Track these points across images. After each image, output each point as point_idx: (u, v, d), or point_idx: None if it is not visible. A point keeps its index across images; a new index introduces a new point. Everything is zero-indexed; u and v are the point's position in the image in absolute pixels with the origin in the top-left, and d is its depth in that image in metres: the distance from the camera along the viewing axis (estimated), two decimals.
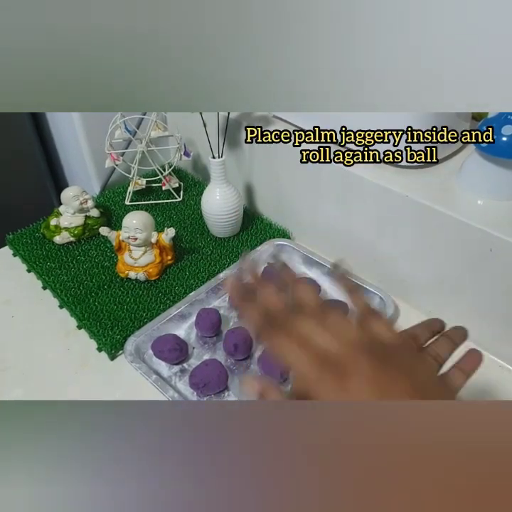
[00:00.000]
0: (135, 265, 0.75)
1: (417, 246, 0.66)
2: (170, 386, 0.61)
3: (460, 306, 0.65)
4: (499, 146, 0.56)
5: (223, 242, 0.84)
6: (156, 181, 0.94)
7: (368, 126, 0.67)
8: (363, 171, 0.68)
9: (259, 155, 0.83)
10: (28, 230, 0.87)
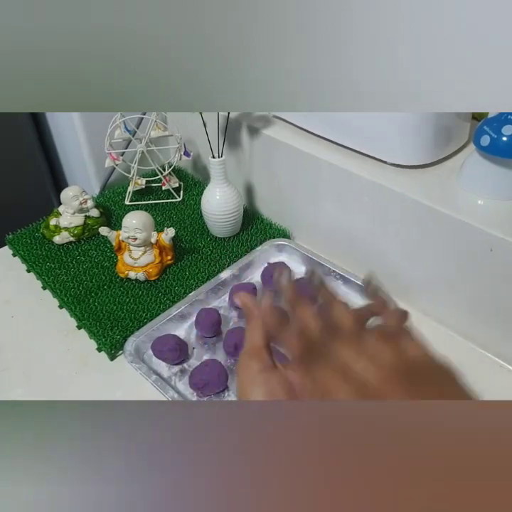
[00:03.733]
0: (135, 265, 0.75)
1: (417, 246, 0.66)
2: (170, 386, 0.61)
3: (460, 306, 0.65)
4: (499, 146, 0.56)
5: (223, 242, 0.84)
6: (156, 181, 0.94)
7: (368, 126, 0.67)
8: (363, 171, 0.68)
9: (259, 155, 0.83)
10: (28, 230, 0.87)
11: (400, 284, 0.71)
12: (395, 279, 0.71)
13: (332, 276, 0.76)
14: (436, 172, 0.67)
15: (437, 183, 0.64)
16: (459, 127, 0.67)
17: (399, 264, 0.70)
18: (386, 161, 0.68)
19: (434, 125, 0.64)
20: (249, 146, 0.84)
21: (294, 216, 0.84)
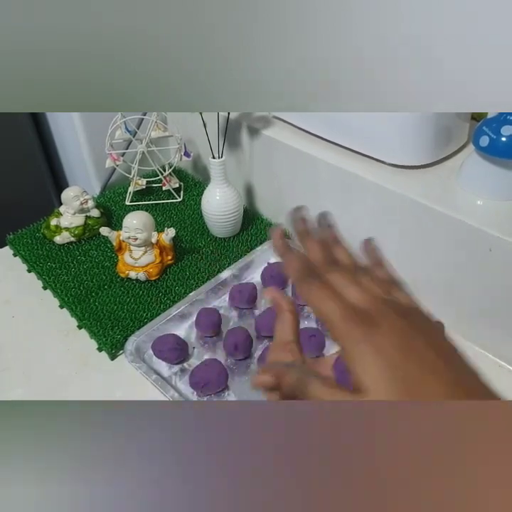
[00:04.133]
0: (135, 265, 0.75)
1: (417, 246, 0.66)
2: (170, 386, 0.61)
3: (460, 306, 0.65)
4: (498, 147, 0.56)
5: (223, 242, 0.84)
6: (157, 181, 0.94)
7: (368, 126, 0.67)
8: (363, 171, 0.68)
9: (259, 155, 0.84)
10: (29, 230, 0.87)
11: None
12: None
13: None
14: (436, 172, 0.67)
15: (437, 184, 0.64)
16: (459, 127, 0.67)
17: (398, 264, 0.70)
18: (385, 161, 0.68)
19: (434, 125, 0.64)
20: (249, 146, 0.84)
21: None
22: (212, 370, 0.61)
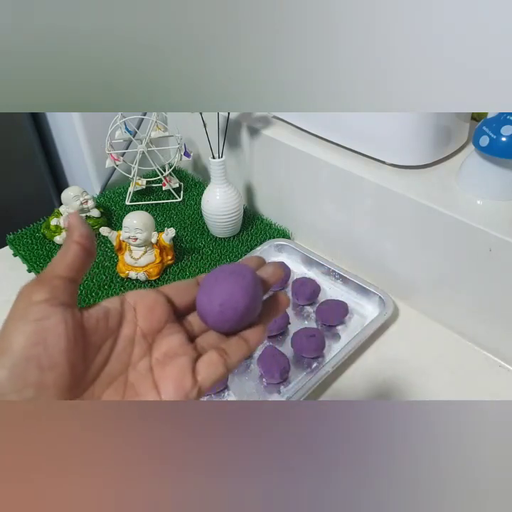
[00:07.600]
0: (135, 265, 0.75)
1: (417, 246, 0.66)
2: None
3: (459, 306, 0.65)
4: (499, 146, 0.57)
5: (223, 242, 0.84)
6: (157, 181, 0.94)
7: (368, 126, 0.67)
8: (363, 171, 0.68)
9: (259, 155, 0.84)
10: (29, 230, 0.87)
11: (400, 284, 0.71)
12: (395, 279, 0.71)
13: (332, 276, 0.76)
14: (436, 172, 0.67)
15: (437, 184, 0.64)
16: (459, 127, 0.67)
17: (398, 264, 0.70)
18: (385, 161, 0.68)
19: (434, 125, 0.64)
20: (249, 146, 0.84)
21: (293, 216, 0.84)
22: None
